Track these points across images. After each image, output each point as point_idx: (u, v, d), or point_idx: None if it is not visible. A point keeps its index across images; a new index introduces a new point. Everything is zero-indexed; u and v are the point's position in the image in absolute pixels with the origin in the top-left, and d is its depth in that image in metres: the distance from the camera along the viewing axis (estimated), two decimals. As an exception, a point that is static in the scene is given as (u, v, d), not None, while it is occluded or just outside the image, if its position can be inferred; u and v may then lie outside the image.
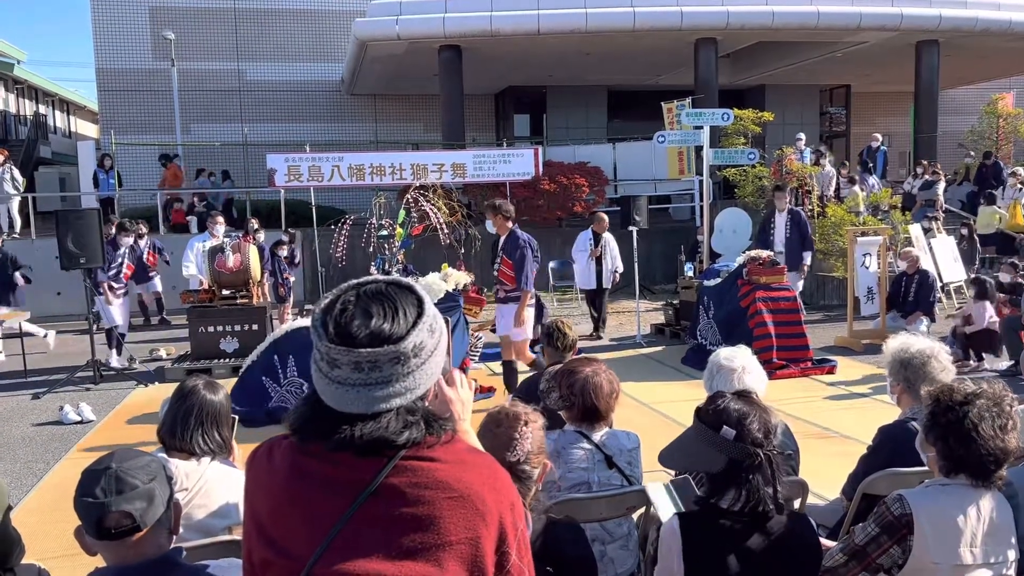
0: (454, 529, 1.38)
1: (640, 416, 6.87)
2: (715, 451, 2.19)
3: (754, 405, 2.26)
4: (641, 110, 21.55)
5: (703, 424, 2.25)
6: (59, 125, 35.40)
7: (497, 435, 2.19)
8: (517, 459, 2.13)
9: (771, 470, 2.17)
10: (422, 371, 1.42)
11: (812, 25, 16.55)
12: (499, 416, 2.26)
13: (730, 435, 2.18)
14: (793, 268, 10.42)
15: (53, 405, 7.87)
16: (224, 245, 9.42)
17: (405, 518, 1.37)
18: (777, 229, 10.85)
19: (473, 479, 1.43)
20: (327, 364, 1.40)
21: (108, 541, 1.79)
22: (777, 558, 2.16)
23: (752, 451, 2.16)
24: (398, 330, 1.39)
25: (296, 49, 22.03)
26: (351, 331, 1.38)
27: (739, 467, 2.16)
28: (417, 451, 1.41)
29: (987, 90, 22.36)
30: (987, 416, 2.23)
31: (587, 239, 11.18)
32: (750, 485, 2.15)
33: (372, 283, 1.46)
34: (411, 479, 1.39)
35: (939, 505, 2.25)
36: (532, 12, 15.88)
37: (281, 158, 14.74)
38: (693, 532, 2.20)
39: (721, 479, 2.19)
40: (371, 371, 1.38)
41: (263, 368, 7.46)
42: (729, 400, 2.27)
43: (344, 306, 1.42)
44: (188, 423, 2.71)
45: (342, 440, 1.38)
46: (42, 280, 13.91)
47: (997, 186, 16.09)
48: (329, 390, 1.40)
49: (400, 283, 1.47)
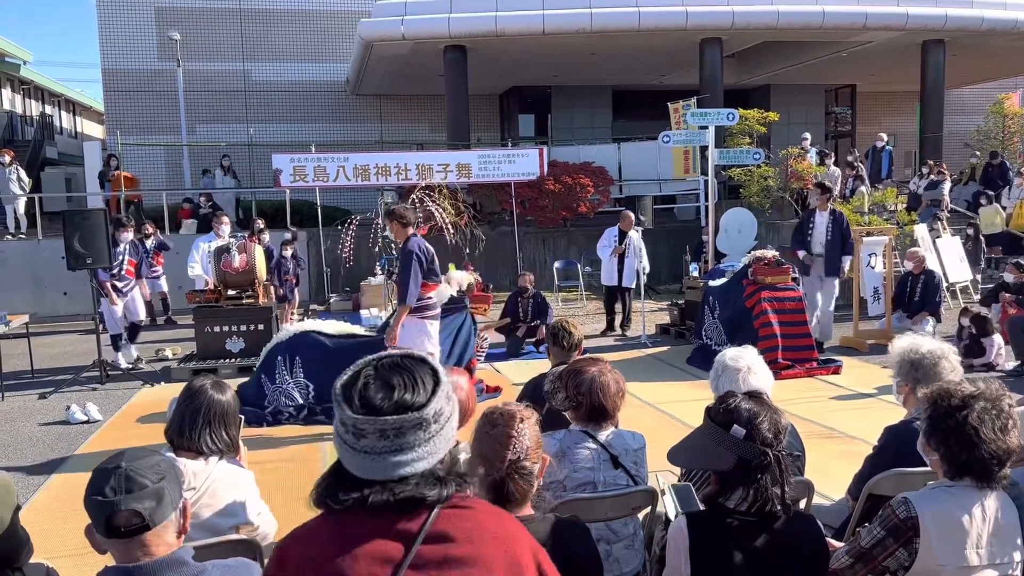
0: (500, 565, 1.52)
1: (645, 416, 6.87)
2: (724, 450, 2.20)
3: (765, 406, 2.27)
4: (646, 110, 21.55)
5: (713, 423, 2.27)
6: (65, 126, 35.50)
7: (494, 435, 2.20)
8: (517, 456, 2.14)
9: (780, 470, 2.18)
10: (441, 436, 1.54)
11: (817, 25, 16.53)
12: (494, 416, 2.27)
13: (740, 434, 2.19)
14: (832, 273, 9.91)
15: (60, 405, 7.90)
16: (230, 245, 9.44)
17: (457, 559, 1.50)
18: (816, 229, 10.06)
19: (507, 521, 1.63)
20: (353, 435, 1.50)
21: (117, 540, 1.80)
22: (784, 559, 2.17)
23: (762, 451, 2.17)
24: (419, 398, 1.52)
25: (301, 49, 22.08)
26: (375, 402, 1.50)
27: (748, 466, 2.17)
28: (453, 502, 1.55)
29: (993, 90, 22.29)
30: (987, 418, 2.23)
31: (612, 236, 11.18)
32: (758, 485, 2.16)
33: (388, 357, 1.59)
34: (456, 524, 1.53)
35: (944, 507, 2.24)
36: (537, 12, 15.89)
37: (286, 158, 14.78)
38: (700, 532, 2.21)
39: (730, 478, 2.20)
40: (396, 438, 1.49)
41: (264, 367, 7.49)
42: (740, 400, 2.28)
43: (365, 380, 1.53)
44: (196, 423, 2.72)
45: (382, 502, 1.49)
46: (48, 280, 14.01)
47: (1003, 186, 16.04)
48: (356, 460, 1.51)
49: (414, 355, 1.60)
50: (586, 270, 14.98)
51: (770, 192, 15.48)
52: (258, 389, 7.40)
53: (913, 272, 10.03)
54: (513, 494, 2.13)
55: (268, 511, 2.91)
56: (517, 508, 2.15)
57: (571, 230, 16.27)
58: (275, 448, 6.49)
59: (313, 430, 7.01)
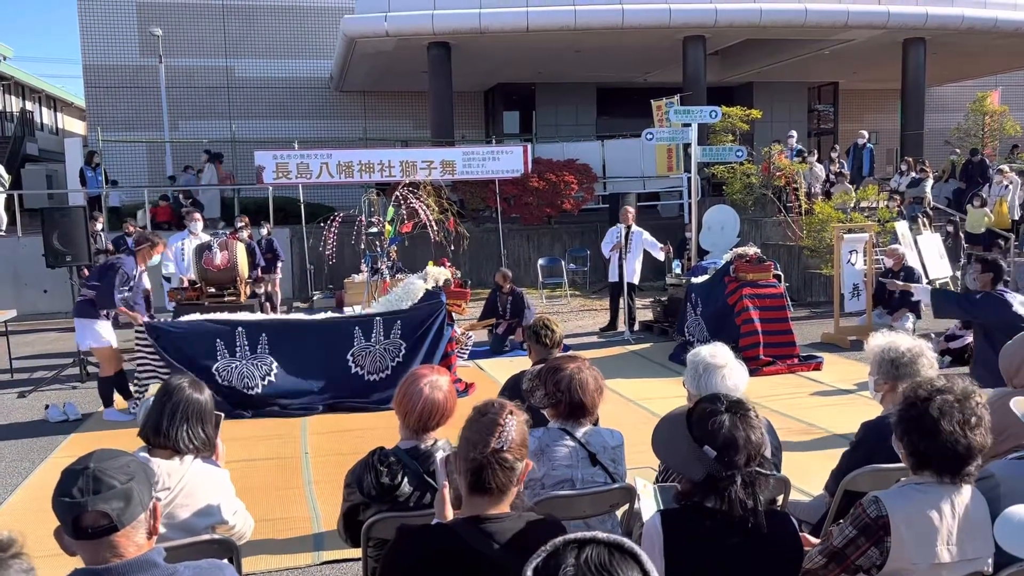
0: None
1: (627, 413, 6.89)
2: (696, 462, 2.21)
3: (745, 425, 2.23)
4: (630, 107, 21.56)
5: (690, 434, 2.25)
6: (46, 122, 35.15)
7: (482, 422, 2.19)
8: (501, 446, 2.13)
9: (751, 489, 2.17)
10: None
11: (800, 23, 16.61)
12: (486, 406, 2.27)
13: (711, 455, 2.19)
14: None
15: (39, 404, 7.83)
16: (212, 243, 9.38)
17: None
18: None
19: None
20: None
21: (85, 541, 1.78)
22: (758, 556, 2.18)
23: (730, 474, 2.16)
24: None
25: (285, 46, 21.95)
26: None
27: (717, 482, 2.17)
28: None
29: (973, 88, 22.49)
30: (948, 411, 2.25)
31: (616, 233, 11.00)
32: (728, 496, 2.16)
33: (592, 546, 1.29)
34: None
35: (914, 505, 2.26)
36: (521, 9, 15.87)
37: (269, 155, 14.71)
38: (674, 530, 2.21)
39: (700, 487, 2.21)
40: None
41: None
42: (722, 417, 2.22)
43: None
44: (173, 420, 2.71)
45: None
46: (28, 278, 13.88)
47: (983, 183, 16.18)
48: None
49: (624, 547, 1.30)
50: (570, 267, 15.01)
51: (753, 189, 15.55)
52: None
53: (893, 269, 10.10)
54: (490, 483, 2.12)
55: (244, 509, 2.89)
56: (494, 503, 2.14)
57: (555, 227, 16.28)
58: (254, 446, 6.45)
59: (293, 430, 6.99)
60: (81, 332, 7.37)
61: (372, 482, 2.73)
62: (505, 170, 15.52)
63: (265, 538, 4.62)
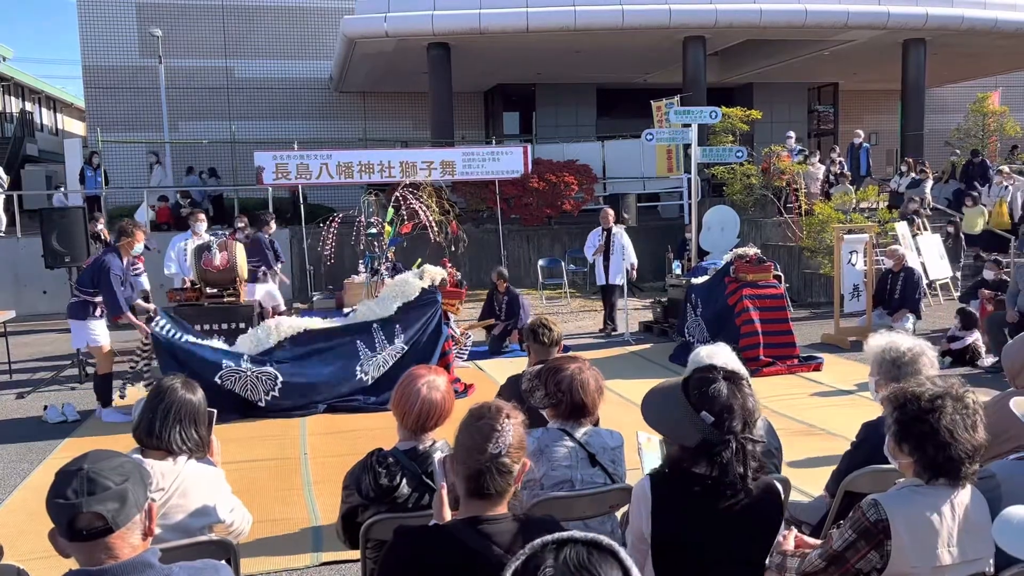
0: None
1: (627, 414, 6.85)
2: (691, 427, 2.25)
3: (741, 394, 2.30)
4: (630, 108, 21.56)
5: (687, 400, 2.29)
6: (46, 123, 35.16)
7: (479, 427, 2.17)
8: (498, 451, 2.12)
9: (743, 454, 2.23)
10: None
11: (800, 23, 16.61)
12: (481, 409, 2.25)
13: (708, 420, 2.25)
14: None
15: (37, 404, 7.82)
16: (211, 243, 9.35)
17: None
18: None
19: None
20: None
21: (80, 543, 1.77)
22: (743, 521, 2.25)
23: (725, 439, 2.23)
24: None
25: (284, 46, 21.95)
26: None
27: (711, 447, 2.23)
28: None
29: (973, 88, 22.48)
30: (959, 419, 2.24)
31: (596, 236, 11.17)
32: (721, 461, 2.22)
33: (571, 545, 1.29)
34: None
35: (914, 508, 2.24)
36: (521, 10, 15.86)
37: (269, 156, 14.69)
38: (663, 493, 2.28)
39: (693, 453, 2.26)
40: None
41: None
42: (719, 384, 2.29)
43: None
44: (166, 421, 2.69)
45: None
46: (28, 279, 13.87)
47: (984, 184, 16.17)
48: None
49: (602, 545, 1.30)
50: (570, 268, 14.99)
51: (753, 190, 15.54)
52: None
53: (893, 269, 10.08)
54: (489, 488, 2.11)
55: (241, 505, 2.88)
56: (492, 505, 2.13)
57: (555, 228, 16.26)
58: (253, 447, 6.44)
59: (292, 431, 6.97)
60: (75, 333, 7.36)
61: (370, 483, 2.72)
62: (505, 171, 15.50)
63: (264, 539, 4.60)
